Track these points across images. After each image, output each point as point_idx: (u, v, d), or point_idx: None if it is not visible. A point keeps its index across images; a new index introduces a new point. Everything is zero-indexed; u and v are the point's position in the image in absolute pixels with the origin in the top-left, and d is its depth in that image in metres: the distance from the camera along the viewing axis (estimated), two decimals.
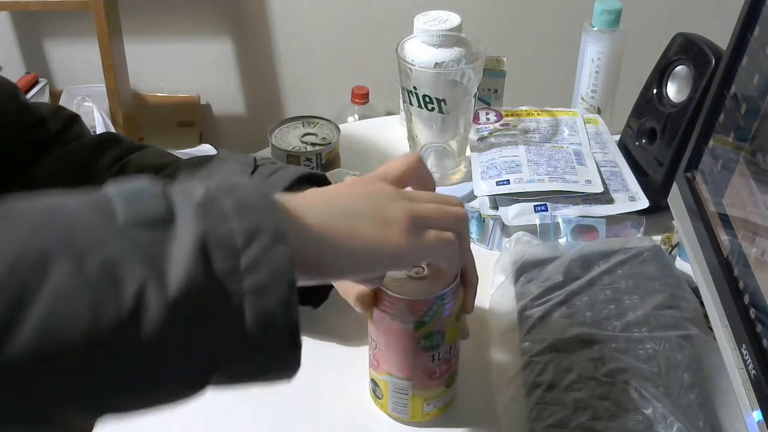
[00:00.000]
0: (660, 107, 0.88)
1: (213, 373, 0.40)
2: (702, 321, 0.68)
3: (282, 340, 0.41)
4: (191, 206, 0.40)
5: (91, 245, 0.37)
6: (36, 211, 0.38)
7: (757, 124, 0.60)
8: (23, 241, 0.36)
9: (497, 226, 0.86)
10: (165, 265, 0.38)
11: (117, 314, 0.36)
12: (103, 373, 0.37)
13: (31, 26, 2.00)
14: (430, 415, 0.64)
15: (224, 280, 0.39)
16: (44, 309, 0.35)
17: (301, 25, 1.99)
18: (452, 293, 0.58)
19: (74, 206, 0.39)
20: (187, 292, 0.37)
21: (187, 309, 0.38)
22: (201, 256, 0.38)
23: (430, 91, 0.86)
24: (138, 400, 0.40)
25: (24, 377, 0.35)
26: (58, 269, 0.35)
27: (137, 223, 0.38)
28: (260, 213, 0.41)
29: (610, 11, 0.94)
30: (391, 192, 0.52)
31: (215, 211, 0.40)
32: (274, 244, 0.40)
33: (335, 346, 0.72)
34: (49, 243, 0.36)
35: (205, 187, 0.42)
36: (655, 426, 0.60)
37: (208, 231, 0.39)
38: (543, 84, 1.90)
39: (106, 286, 0.36)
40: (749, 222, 0.60)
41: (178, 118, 2.07)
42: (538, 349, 0.67)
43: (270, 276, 0.40)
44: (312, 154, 0.90)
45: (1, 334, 0.34)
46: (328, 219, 0.47)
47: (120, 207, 0.39)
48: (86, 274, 0.36)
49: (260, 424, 0.66)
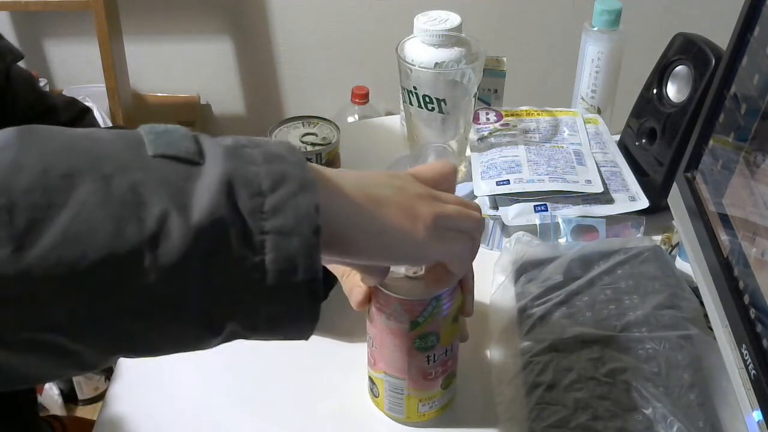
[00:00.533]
0: (660, 107, 0.88)
1: (230, 316, 0.40)
2: (702, 321, 0.68)
3: (301, 287, 0.40)
4: (220, 149, 0.40)
5: (119, 169, 0.37)
6: (68, 135, 0.39)
7: (757, 124, 0.60)
8: (53, 156, 0.37)
9: (497, 226, 0.86)
10: (189, 197, 0.38)
11: (138, 235, 0.36)
12: (120, 295, 0.37)
13: (31, 26, 2.00)
14: (426, 416, 0.64)
15: (247, 217, 0.39)
16: (69, 216, 0.35)
17: (301, 25, 1.99)
18: (449, 295, 0.58)
19: (106, 135, 0.40)
20: (209, 223, 0.37)
21: (207, 240, 0.37)
22: (226, 191, 0.38)
23: (430, 91, 0.86)
24: (151, 334, 0.39)
25: (43, 286, 0.35)
26: (84, 184, 0.36)
27: (165, 155, 0.39)
28: (289, 163, 0.41)
29: (610, 11, 0.94)
30: (419, 189, 0.52)
31: (244, 156, 0.40)
32: (301, 191, 0.40)
33: (336, 343, 0.72)
34: (78, 160, 0.37)
35: (235, 138, 0.42)
36: (655, 426, 0.60)
37: (235, 171, 0.39)
38: (543, 84, 1.91)
39: (130, 206, 0.37)
40: (749, 222, 0.60)
41: (178, 118, 2.07)
42: (538, 349, 0.67)
43: (294, 220, 0.39)
44: (312, 154, 0.90)
45: (26, 233, 0.35)
46: (362, 194, 0.47)
47: (149, 141, 0.39)
48: (111, 193, 0.36)
49: (259, 420, 0.66)
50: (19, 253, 0.34)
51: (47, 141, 0.38)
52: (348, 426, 0.65)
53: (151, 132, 0.40)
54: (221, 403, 0.67)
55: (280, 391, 0.69)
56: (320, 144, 0.92)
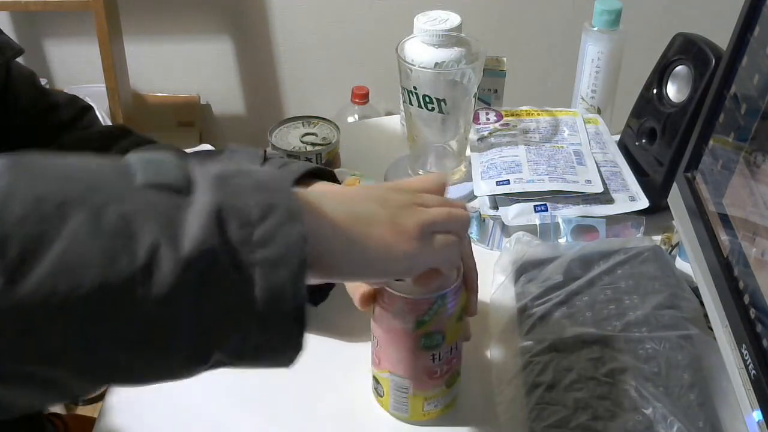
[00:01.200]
0: (660, 107, 0.88)
1: (217, 345, 0.40)
2: (702, 321, 0.68)
3: (289, 315, 0.41)
4: (210, 178, 0.41)
5: (110, 198, 0.38)
6: (59, 165, 0.39)
7: (757, 124, 0.60)
8: (45, 185, 0.37)
9: (497, 226, 0.86)
10: (180, 228, 0.38)
11: (129, 267, 0.37)
12: (113, 325, 0.37)
13: (31, 26, 2.00)
14: (430, 414, 0.64)
15: (237, 248, 0.39)
16: (61, 247, 0.36)
17: (301, 25, 1.99)
18: (453, 293, 0.58)
19: (96, 164, 0.40)
20: (198, 255, 0.38)
21: (197, 272, 0.38)
22: (216, 222, 0.39)
23: (430, 91, 0.86)
24: (140, 363, 0.39)
25: (35, 317, 0.35)
26: (76, 215, 0.36)
27: (155, 185, 0.39)
28: (277, 193, 0.42)
29: (610, 11, 0.94)
30: (402, 198, 0.52)
31: (233, 185, 0.41)
32: (288, 221, 0.41)
33: (339, 343, 0.72)
34: (70, 192, 0.37)
35: (223, 166, 0.43)
36: (655, 426, 0.60)
37: (225, 201, 0.40)
38: (543, 84, 1.90)
39: (122, 238, 0.37)
40: (749, 222, 0.60)
41: (178, 118, 2.07)
42: (538, 349, 0.67)
43: (283, 251, 0.40)
44: (312, 154, 0.90)
45: (19, 264, 0.35)
46: (343, 215, 0.48)
47: (139, 171, 0.40)
48: (103, 224, 0.37)
49: (261, 420, 0.66)
50: (11, 286, 0.34)
51: (38, 170, 0.38)
52: (351, 425, 0.65)
53: (141, 161, 0.41)
54: (222, 402, 0.67)
55: (281, 390, 0.69)
56: (320, 144, 0.92)
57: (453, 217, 0.53)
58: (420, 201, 0.53)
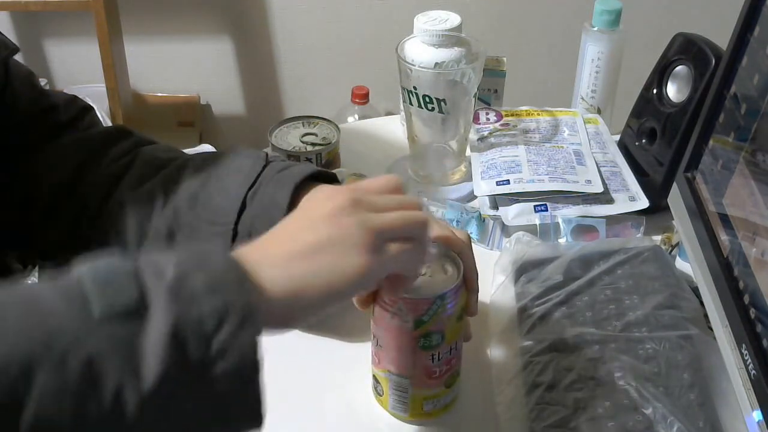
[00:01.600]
0: (660, 107, 0.88)
1: None
2: (702, 321, 0.68)
3: (248, 405, 0.44)
4: (163, 290, 0.42)
5: (71, 345, 0.39)
6: (14, 314, 0.40)
7: (757, 124, 0.60)
8: (7, 348, 0.38)
9: (497, 226, 0.86)
10: (140, 359, 0.40)
11: (98, 412, 0.38)
12: None
13: (31, 26, 2.00)
14: (429, 414, 0.64)
15: (196, 368, 0.41)
16: (33, 411, 0.37)
17: (301, 25, 1.99)
18: (453, 293, 0.58)
19: (50, 300, 0.41)
20: (160, 384, 0.40)
21: (161, 398, 0.40)
22: (173, 344, 0.41)
23: (430, 91, 0.86)
24: None
25: None
26: (41, 374, 0.38)
27: (112, 315, 0.40)
28: (230, 290, 0.43)
29: (610, 11, 0.94)
30: (348, 206, 0.51)
31: (187, 293, 0.42)
32: (242, 324, 0.42)
33: (339, 342, 0.72)
34: (32, 348, 0.38)
35: (176, 262, 0.44)
36: (655, 426, 0.60)
37: (180, 317, 0.41)
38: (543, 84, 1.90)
39: (87, 386, 0.39)
40: (749, 222, 0.60)
41: (178, 118, 2.07)
42: (538, 349, 0.67)
43: (238, 361, 0.42)
44: (312, 154, 0.90)
45: None
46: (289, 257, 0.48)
47: (94, 298, 0.41)
48: (68, 377, 0.38)
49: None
50: None
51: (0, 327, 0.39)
52: (351, 425, 0.65)
53: (93, 283, 0.41)
54: None
55: (281, 390, 0.68)
56: (320, 144, 0.92)
57: (410, 222, 0.52)
58: (368, 205, 0.52)
